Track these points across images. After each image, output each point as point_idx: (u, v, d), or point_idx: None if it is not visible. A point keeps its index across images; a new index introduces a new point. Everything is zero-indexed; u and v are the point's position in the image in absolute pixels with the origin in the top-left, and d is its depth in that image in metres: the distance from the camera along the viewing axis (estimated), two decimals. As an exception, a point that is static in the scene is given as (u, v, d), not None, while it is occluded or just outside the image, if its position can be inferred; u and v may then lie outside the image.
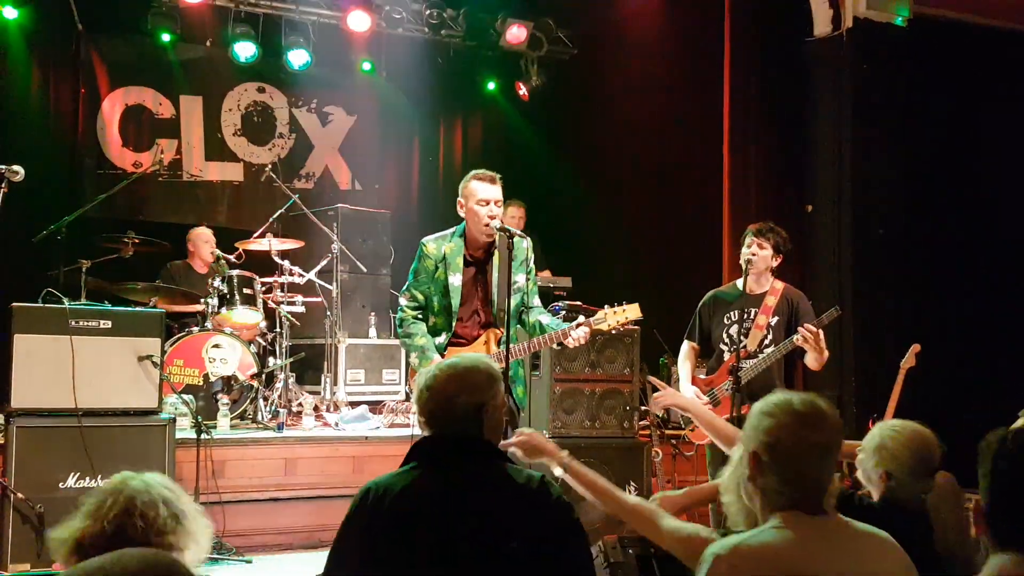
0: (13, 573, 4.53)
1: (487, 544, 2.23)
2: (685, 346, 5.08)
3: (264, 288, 6.91)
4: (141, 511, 1.87)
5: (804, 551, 2.01)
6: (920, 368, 5.70)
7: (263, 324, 6.89)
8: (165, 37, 8.30)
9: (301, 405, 6.63)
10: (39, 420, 4.72)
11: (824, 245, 6.94)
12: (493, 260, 4.44)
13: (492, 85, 9.61)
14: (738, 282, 4.97)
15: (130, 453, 4.75)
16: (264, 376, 6.65)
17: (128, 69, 8.54)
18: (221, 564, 4.97)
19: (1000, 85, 7.04)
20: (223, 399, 6.14)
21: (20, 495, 4.57)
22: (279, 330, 6.96)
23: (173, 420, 5.06)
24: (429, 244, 4.45)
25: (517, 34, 8.85)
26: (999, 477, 1.70)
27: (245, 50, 8.35)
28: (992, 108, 7.02)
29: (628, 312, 4.24)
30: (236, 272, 6.71)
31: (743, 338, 4.74)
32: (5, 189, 4.76)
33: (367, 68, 9.12)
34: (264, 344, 6.98)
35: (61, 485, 4.67)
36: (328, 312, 7.16)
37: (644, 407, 5.98)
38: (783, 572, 1.98)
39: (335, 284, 7.23)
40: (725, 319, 4.89)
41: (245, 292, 6.66)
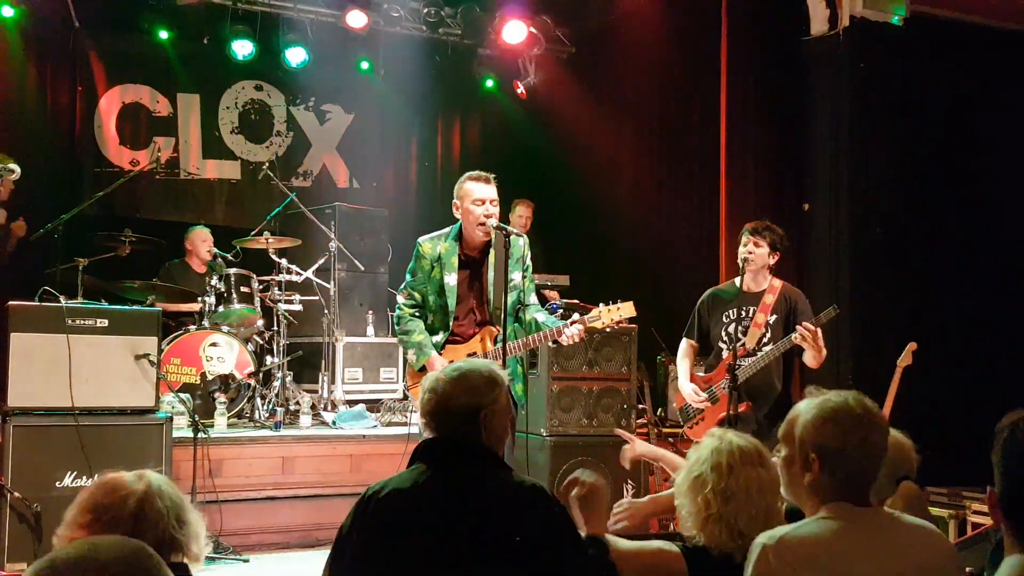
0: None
1: (486, 544, 2.24)
2: (684, 344, 5.09)
3: (261, 286, 6.91)
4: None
5: (850, 541, 2.05)
6: (919, 368, 5.69)
7: (260, 322, 6.88)
8: (163, 35, 8.31)
9: (298, 404, 6.62)
10: (36, 419, 4.72)
11: (822, 244, 6.93)
12: (489, 259, 4.46)
13: (490, 83, 9.59)
14: (736, 280, 4.97)
15: (127, 452, 4.74)
16: (261, 375, 6.65)
17: (125, 67, 8.52)
18: (218, 563, 4.97)
19: (997, 84, 7.04)
20: (220, 398, 6.14)
21: (17, 494, 4.56)
22: (276, 328, 6.96)
23: (170, 419, 5.06)
24: (425, 244, 4.49)
25: (515, 32, 8.83)
26: (1013, 464, 1.70)
27: (243, 48, 8.33)
28: (989, 106, 7.02)
29: (622, 310, 4.27)
30: (234, 270, 6.72)
31: (741, 336, 4.75)
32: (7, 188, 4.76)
33: (365, 67, 9.11)
34: (261, 343, 6.98)
35: (58, 484, 4.66)
36: (326, 310, 7.15)
37: (642, 405, 5.98)
38: (828, 561, 2.02)
39: (333, 282, 7.22)
40: (724, 317, 4.90)
41: (242, 290, 6.67)
